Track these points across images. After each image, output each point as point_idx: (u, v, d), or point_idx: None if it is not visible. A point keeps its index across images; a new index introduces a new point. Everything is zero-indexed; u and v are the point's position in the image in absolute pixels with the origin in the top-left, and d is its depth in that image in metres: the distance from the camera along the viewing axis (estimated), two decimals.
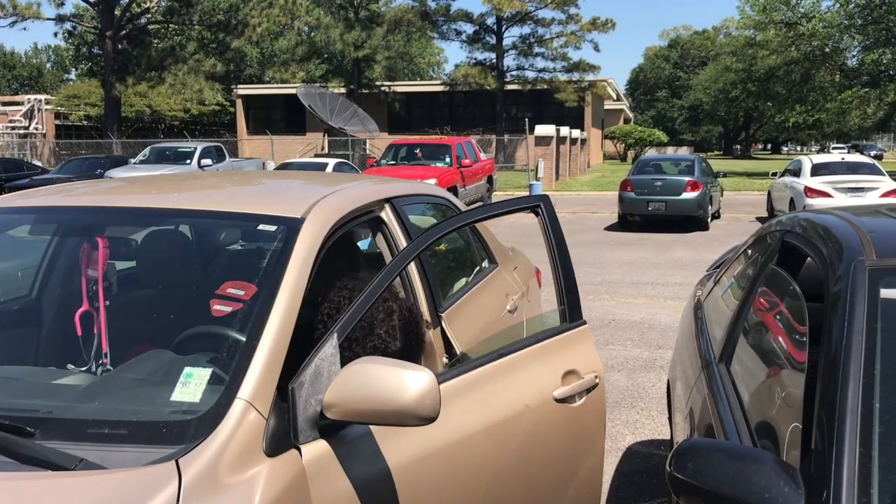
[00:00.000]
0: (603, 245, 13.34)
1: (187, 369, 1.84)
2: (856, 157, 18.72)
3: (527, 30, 40.11)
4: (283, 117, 43.13)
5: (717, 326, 3.01)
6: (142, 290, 2.63)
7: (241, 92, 44.27)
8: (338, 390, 1.76)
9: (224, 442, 1.62)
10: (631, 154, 49.20)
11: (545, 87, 38.72)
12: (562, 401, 2.33)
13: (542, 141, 26.82)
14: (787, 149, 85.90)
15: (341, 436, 1.84)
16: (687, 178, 15.67)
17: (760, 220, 16.87)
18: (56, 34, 59.19)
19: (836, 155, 20.14)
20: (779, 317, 2.33)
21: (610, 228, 16.08)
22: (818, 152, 63.31)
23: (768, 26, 33.14)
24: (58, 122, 48.37)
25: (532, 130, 27.22)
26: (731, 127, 71.47)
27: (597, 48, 45.28)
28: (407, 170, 16.75)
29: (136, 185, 2.83)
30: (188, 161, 21.88)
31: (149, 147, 24.12)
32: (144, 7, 37.53)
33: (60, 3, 34.99)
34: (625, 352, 6.60)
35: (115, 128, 34.79)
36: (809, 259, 2.33)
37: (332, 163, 19.60)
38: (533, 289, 4.21)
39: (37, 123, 46.14)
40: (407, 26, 39.67)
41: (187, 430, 1.66)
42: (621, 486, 4.05)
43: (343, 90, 39.00)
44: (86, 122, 48.21)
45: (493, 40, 39.88)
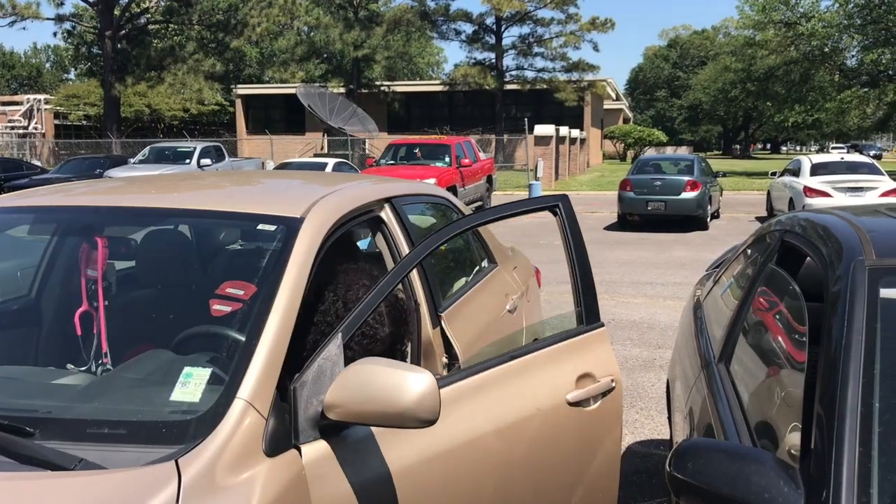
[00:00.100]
0: (602, 245, 13.33)
1: (187, 369, 1.84)
2: (855, 156, 18.69)
3: (526, 29, 40.21)
4: (282, 117, 43.13)
5: (716, 326, 3.01)
6: (141, 289, 2.63)
7: (240, 92, 44.29)
8: (339, 391, 1.75)
9: (223, 442, 1.62)
10: (630, 154, 49.17)
11: (544, 86, 38.73)
12: (575, 404, 2.28)
13: (542, 141, 26.79)
14: (787, 148, 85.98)
15: (343, 437, 1.83)
16: (686, 178, 15.67)
17: (760, 219, 16.87)
18: (55, 34, 59.11)
19: (835, 155, 20.15)
20: (778, 316, 2.33)
21: (609, 228, 16.07)
22: (817, 152, 63.51)
23: (767, 26, 33.13)
24: (57, 121, 48.38)
25: (531, 130, 27.20)
26: (730, 127, 71.46)
27: (596, 48, 45.21)
28: (406, 169, 16.71)
29: (135, 184, 2.83)
30: (187, 161, 21.84)
31: (148, 147, 24.06)
32: (144, 7, 37.48)
33: (60, 3, 35.00)
34: (624, 351, 6.60)
35: (115, 127, 34.78)
36: (809, 259, 2.33)
37: (331, 162, 19.56)
38: (532, 289, 4.21)
39: (36, 123, 46.14)
40: (406, 26, 39.70)
41: (187, 430, 1.66)
42: (621, 485, 4.04)
43: (342, 90, 39.00)
44: (85, 122, 48.24)
45: (492, 40, 39.89)
